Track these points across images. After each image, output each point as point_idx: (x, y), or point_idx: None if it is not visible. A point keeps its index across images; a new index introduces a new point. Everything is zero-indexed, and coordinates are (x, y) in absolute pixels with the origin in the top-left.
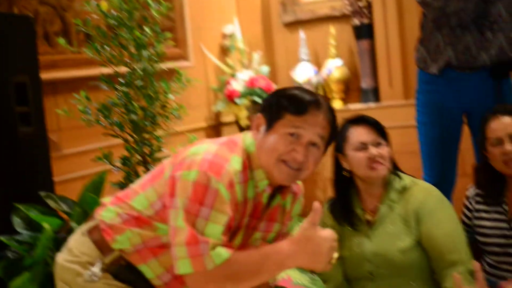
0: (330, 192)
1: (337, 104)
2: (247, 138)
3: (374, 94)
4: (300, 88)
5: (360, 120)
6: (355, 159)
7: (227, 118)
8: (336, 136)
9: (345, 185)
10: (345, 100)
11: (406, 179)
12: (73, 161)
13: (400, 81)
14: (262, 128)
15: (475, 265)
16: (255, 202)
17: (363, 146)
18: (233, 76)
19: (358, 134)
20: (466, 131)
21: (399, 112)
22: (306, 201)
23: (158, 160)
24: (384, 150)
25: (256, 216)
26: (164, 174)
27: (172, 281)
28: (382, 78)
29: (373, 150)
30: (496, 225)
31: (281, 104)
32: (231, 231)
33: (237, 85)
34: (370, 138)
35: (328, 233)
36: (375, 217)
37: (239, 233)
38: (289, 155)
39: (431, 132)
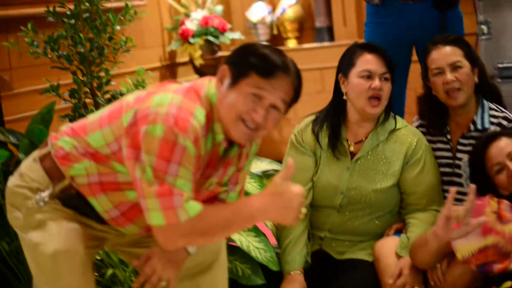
0: (286, 132)
1: (291, 43)
2: (211, 88)
3: (329, 33)
4: (271, 48)
5: (373, 48)
6: (357, 86)
7: (182, 58)
8: (298, 99)
9: (338, 109)
10: (300, 39)
11: (398, 121)
12: (24, 100)
13: (354, 20)
14: (226, 81)
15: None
16: (212, 154)
17: (369, 75)
18: (187, 15)
19: (368, 62)
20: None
21: None
22: (262, 141)
23: (107, 93)
24: (387, 87)
25: (211, 165)
26: (123, 117)
27: (119, 217)
28: (336, 17)
29: (377, 82)
30: (440, 154)
31: (249, 63)
32: None
33: (191, 24)
34: (379, 69)
35: (298, 189)
36: (359, 151)
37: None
38: (248, 115)
39: None
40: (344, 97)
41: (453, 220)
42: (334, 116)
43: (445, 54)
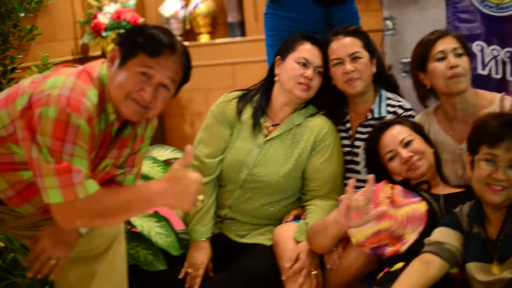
0: (198, 126)
1: (204, 38)
2: (103, 69)
3: (240, 28)
4: (160, 28)
5: (316, 40)
6: (291, 70)
7: (95, 51)
8: (188, 79)
9: (268, 89)
10: (212, 35)
11: (314, 109)
12: None
13: None
14: (116, 62)
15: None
16: (105, 134)
17: (305, 63)
18: (100, 9)
19: (306, 51)
20: None
21: (264, 46)
22: (174, 135)
23: (12, 80)
24: (318, 80)
25: (105, 146)
26: (18, 101)
27: (15, 196)
28: (247, 12)
29: (310, 72)
30: (341, 143)
31: (137, 43)
32: None
33: (104, 18)
34: (315, 61)
35: (196, 176)
36: (274, 131)
37: None
38: (137, 94)
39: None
40: (276, 79)
41: (354, 210)
42: (263, 93)
43: (344, 45)
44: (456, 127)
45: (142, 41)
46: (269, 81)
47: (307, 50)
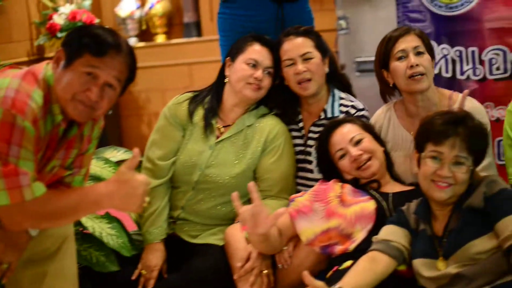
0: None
1: (160, 38)
2: (48, 70)
3: (196, 28)
4: (104, 28)
5: (265, 41)
6: (241, 71)
7: (50, 53)
8: (133, 78)
9: (219, 91)
10: (168, 35)
11: (265, 110)
12: None
13: None
14: (62, 63)
15: (250, 185)
16: (52, 135)
17: (254, 64)
18: (55, 10)
19: (256, 52)
20: None
21: None
22: (131, 135)
23: None
24: (268, 80)
25: (52, 147)
26: None
27: None
28: (203, 12)
29: (260, 73)
30: (294, 142)
31: (82, 43)
32: None
33: (59, 19)
34: (265, 61)
35: (143, 178)
36: (225, 132)
37: None
38: (83, 94)
39: None
40: (226, 80)
41: (243, 222)
42: (214, 95)
43: (296, 45)
44: (417, 124)
45: (87, 41)
46: (219, 82)
47: (256, 51)
